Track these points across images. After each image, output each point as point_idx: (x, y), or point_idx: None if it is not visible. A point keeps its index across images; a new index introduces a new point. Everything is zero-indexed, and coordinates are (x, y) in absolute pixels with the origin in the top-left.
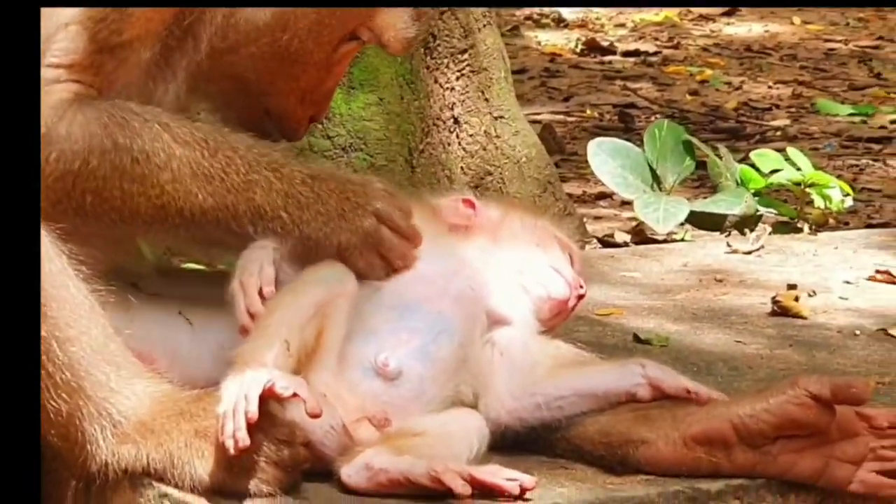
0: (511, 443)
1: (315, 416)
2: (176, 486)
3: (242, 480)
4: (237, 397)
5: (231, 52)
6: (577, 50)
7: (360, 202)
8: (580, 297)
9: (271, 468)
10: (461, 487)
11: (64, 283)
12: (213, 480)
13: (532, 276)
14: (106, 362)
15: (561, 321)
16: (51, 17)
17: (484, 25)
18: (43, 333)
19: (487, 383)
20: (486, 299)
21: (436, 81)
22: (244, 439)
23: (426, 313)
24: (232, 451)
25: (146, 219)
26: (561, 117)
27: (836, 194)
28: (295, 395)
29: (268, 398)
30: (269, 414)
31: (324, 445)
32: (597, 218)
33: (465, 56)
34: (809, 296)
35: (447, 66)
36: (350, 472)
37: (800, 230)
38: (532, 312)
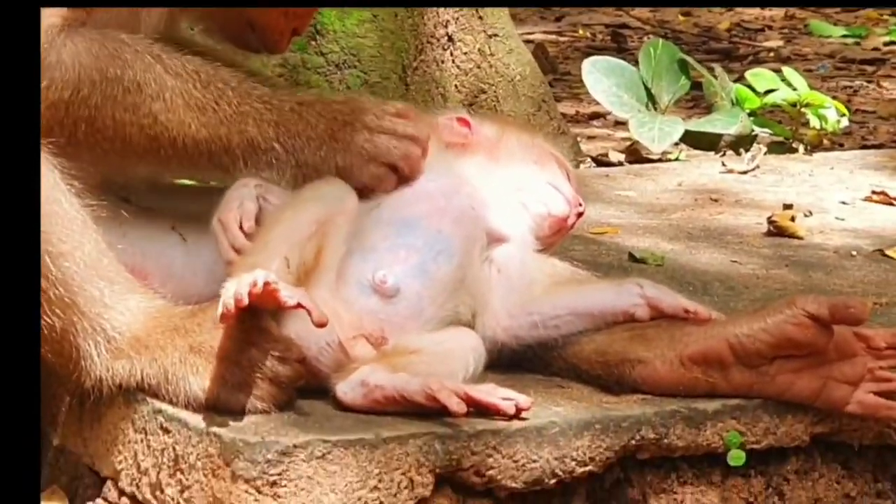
0: (507, 362)
1: (321, 325)
2: (170, 401)
3: (237, 396)
4: (239, 286)
5: None
6: None
7: (347, 119)
8: (579, 214)
9: (266, 384)
10: (456, 405)
11: (56, 197)
12: (208, 396)
13: (531, 193)
14: (99, 277)
15: (559, 239)
16: None
17: None
18: None
19: (485, 301)
20: (486, 218)
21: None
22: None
23: (425, 231)
24: (229, 309)
25: (138, 149)
26: (553, 37)
27: (832, 115)
28: (299, 305)
29: (269, 299)
30: (264, 329)
31: (319, 362)
32: (590, 137)
33: None
34: (805, 216)
35: None
36: (346, 388)
37: (795, 150)
38: (530, 230)
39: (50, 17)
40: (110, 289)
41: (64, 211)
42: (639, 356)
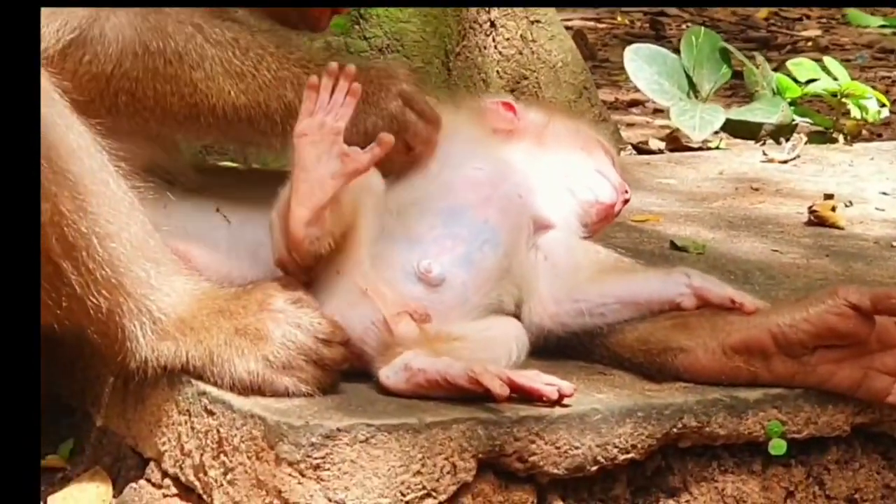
0: (550, 349)
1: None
2: (215, 383)
3: (281, 379)
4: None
5: None
6: None
7: (384, 83)
8: (625, 201)
9: (311, 367)
10: (499, 388)
11: (104, 179)
12: (252, 379)
13: (579, 180)
14: (145, 259)
15: (605, 225)
16: None
17: None
18: (83, 230)
19: (531, 288)
20: (532, 205)
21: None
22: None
23: (471, 220)
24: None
25: (179, 118)
26: (591, 24)
27: (873, 105)
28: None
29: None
30: (310, 306)
31: (364, 343)
32: (629, 125)
33: None
34: (846, 206)
35: None
36: (388, 373)
37: (834, 140)
38: (577, 217)
39: (78, 10)
40: (156, 270)
41: (111, 192)
42: (681, 345)
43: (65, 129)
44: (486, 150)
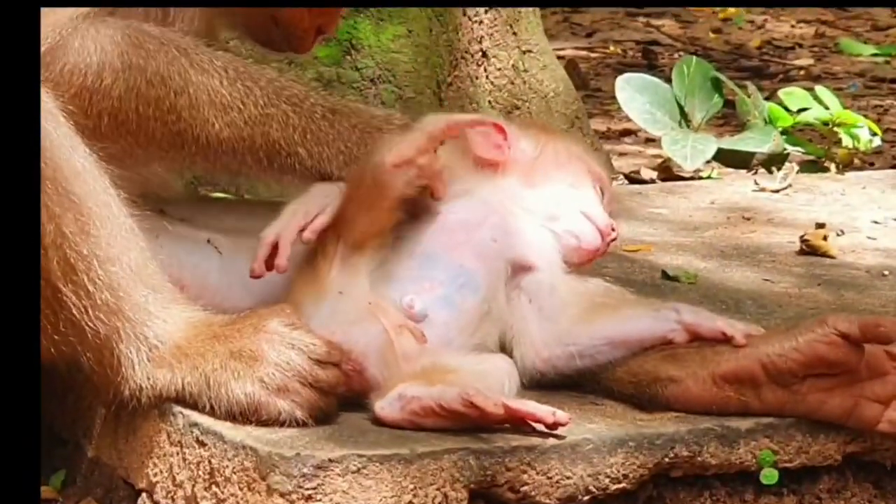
0: (542, 379)
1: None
2: (211, 408)
3: (276, 402)
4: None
5: None
6: None
7: (382, 129)
8: (611, 241)
9: (306, 390)
10: (493, 407)
11: (107, 202)
12: (249, 401)
13: (563, 223)
14: (144, 285)
15: (589, 264)
16: None
17: None
18: (84, 252)
19: (520, 332)
20: (511, 250)
21: (464, 14)
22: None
23: (447, 264)
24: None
25: (163, 145)
26: (584, 53)
27: (865, 134)
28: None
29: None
30: (304, 328)
31: (366, 357)
32: (621, 154)
33: None
34: (838, 235)
35: None
36: (383, 404)
37: (826, 169)
38: (559, 255)
39: (77, 10)
40: (154, 297)
41: (114, 215)
42: (670, 375)
43: (70, 151)
44: (466, 187)
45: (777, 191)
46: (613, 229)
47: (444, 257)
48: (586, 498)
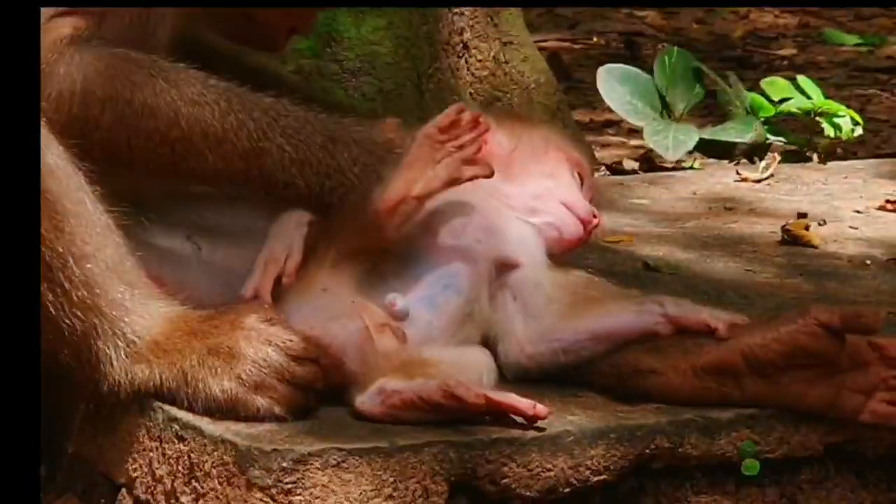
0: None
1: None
2: (189, 405)
3: (254, 398)
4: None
5: None
6: None
7: (383, 157)
8: (593, 229)
9: (283, 386)
10: (474, 398)
11: (81, 199)
12: (227, 398)
13: (544, 215)
14: (121, 281)
15: (572, 251)
16: None
17: None
18: (60, 249)
19: (505, 329)
20: (495, 250)
21: (445, 6)
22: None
23: (432, 265)
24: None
25: (157, 175)
26: (567, 45)
27: (847, 123)
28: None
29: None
30: (281, 325)
31: (344, 353)
32: (604, 145)
33: None
34: (819, 225)
35: None
36: (364, 398)
37: (809, 159)
38: (542, 249)
39: (60, 28)
40: (131, 293)
41: (88, 213)
42: (651, 367)
43: (43, 148)
44: (447, 193)
45: (759, 181)
46: (595, 216)
47: (429, 258)
48: (567, 490)
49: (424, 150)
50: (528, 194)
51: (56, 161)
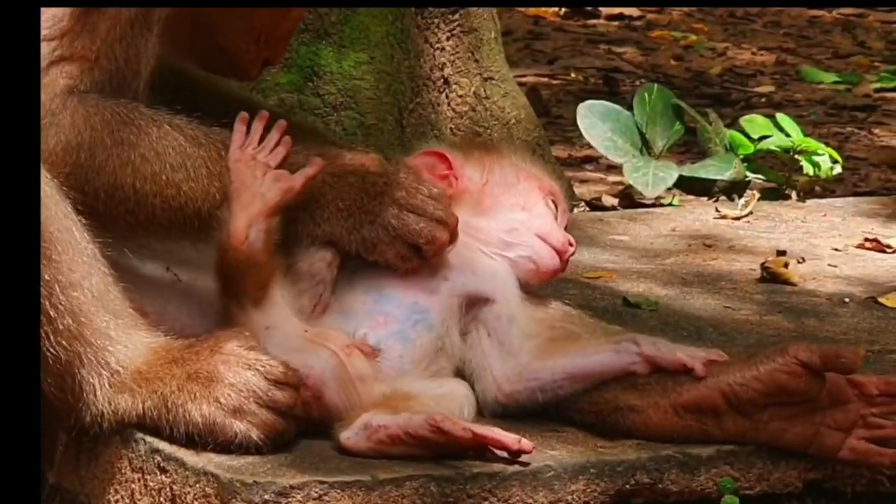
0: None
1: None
2: (171, 432)
3: (233, 423)
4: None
5: None
6: (561, 13)
7: (379, 191)
8: (568, 258)
9: (263, 411)
10: (461, 432)
11: (68, 227)
12: (206, 422)
13: (519, 249)
14: (106, 310)
15: (550, 281)
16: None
17: None
18: (46, 277)
19: (481, 367)
20: (466, 286)
21: (426, 41)
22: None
23: (401, 301)
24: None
25: (164, 222)
26: (545, 80)
27: (826, 161)
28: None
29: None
30: (261, 350)
31: (324, 384)
32: (583, 181)
33: (456, 16)
34: (799, 262)
35: (438, 27)
36: (349, 434)
37: (787, 197)
38: (514, 283)
39: (59, 79)
40: (115, 322)
41: (75, 241)
42: (631, 405)
43: None
44: None
45: (738, 218)
46: (571, 244)
47: (398, 294)
48: None
49: (241, 173)
50: (502, 228)
51: (44, 188)
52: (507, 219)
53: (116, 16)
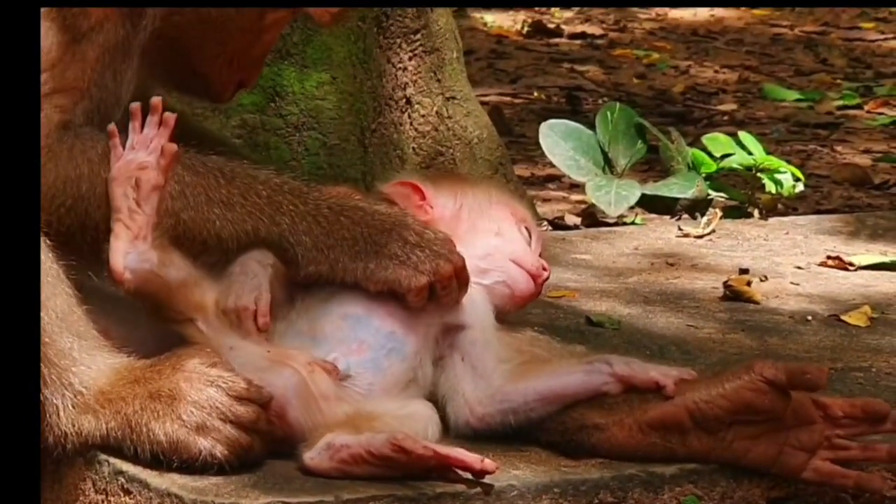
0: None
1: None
2: (135, 452)
3: (197, 439)
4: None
5: (165, 21)
6: (524, 32)
7: (387, 227)
8: (544, 281)
9: (227, 427)
10: (423, 450)
11: None
12: (169, 441)
13: (494, 275)
14: (69, 331)
15: (525, 306)
16: None
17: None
18: None
19: (453, 390)
20: (443, 317)
21: (388, 61)
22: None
23: (377, 329)
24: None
25: None
26: (508, 99)
27: (788, 179)
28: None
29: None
30: (223, 367)
31: (287, 402)
32: (545, 200)
33: (418, 36)
34: (761, 280)
35: (400, 46)
36: (312, 454)
37: (750, 215)
38: (489, 309)
39: (53, 115)
40: (79, 343)
41: (40, 262)
42: (596, 423)
43: None
44: None
45: (701, 236)
46: (545, 268)
47: (374, 322)
48: None
49: (114, 196)
50: (477, 254)
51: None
52: (482, 245)
53: (104, 43)
